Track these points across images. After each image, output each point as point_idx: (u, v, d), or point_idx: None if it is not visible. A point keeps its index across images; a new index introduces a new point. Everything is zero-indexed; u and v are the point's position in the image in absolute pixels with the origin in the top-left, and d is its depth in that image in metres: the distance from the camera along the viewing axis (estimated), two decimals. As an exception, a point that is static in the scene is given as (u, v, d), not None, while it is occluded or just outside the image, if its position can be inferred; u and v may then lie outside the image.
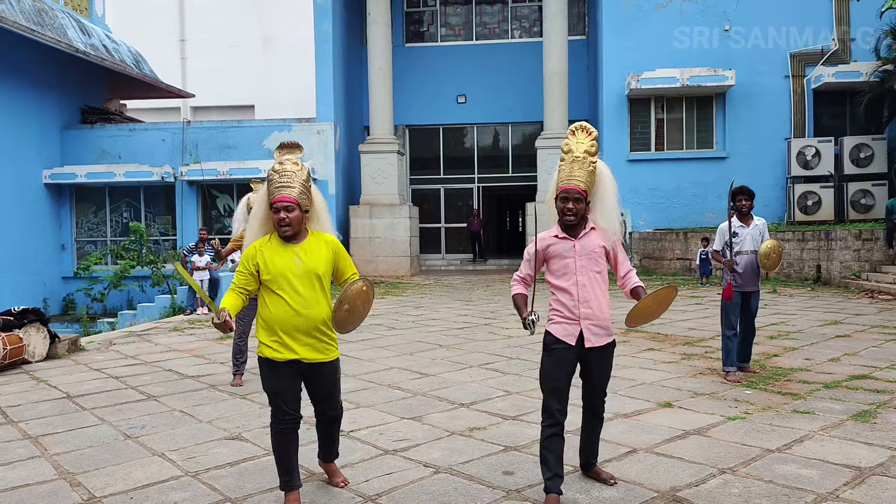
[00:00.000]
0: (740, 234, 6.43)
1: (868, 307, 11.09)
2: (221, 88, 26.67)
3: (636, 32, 18.77)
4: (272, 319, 3.57)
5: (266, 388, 3.68)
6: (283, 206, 3.53)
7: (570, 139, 3.68)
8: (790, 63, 18.46)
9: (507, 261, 21.64)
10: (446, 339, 8.69)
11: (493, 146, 22.63)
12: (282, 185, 3.55)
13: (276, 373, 3.60)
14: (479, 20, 22.20)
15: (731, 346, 6.37)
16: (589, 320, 3.60)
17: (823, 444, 4.36)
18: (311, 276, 3.60)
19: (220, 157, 18.23)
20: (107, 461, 4.51)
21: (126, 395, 6.24)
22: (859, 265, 14.63)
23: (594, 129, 3.72)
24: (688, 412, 5.21)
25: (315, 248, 3.67)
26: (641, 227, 18.94)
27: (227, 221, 18.72)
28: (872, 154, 17.09)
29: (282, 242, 3.63)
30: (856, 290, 13.42)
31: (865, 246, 14.70)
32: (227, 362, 7.63)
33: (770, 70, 18.48)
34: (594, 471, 3.87)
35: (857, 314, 10.26)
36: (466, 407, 5.52)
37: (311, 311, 3.57)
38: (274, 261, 3.57)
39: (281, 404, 3.60)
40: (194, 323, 10.98)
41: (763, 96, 18.42)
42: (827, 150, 17.38)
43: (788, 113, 18.58)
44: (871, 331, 8.75)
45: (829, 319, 9.77)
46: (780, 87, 18.56)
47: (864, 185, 17.12)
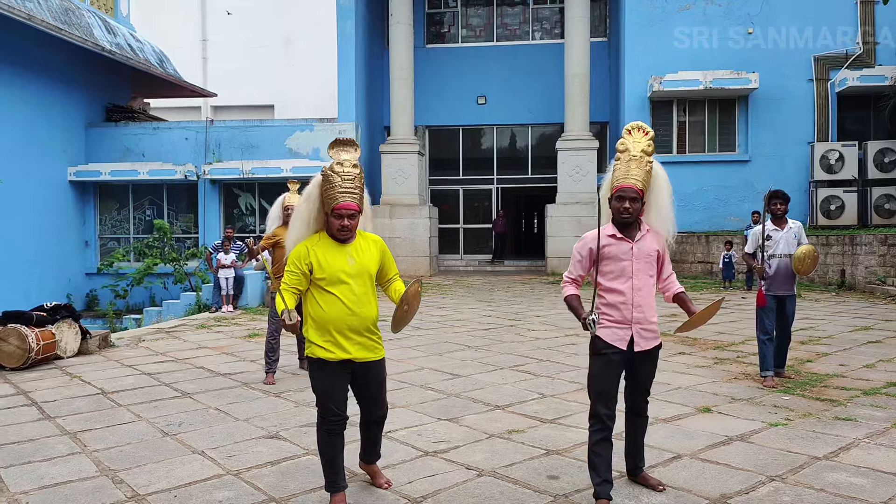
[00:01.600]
0: (774, 237, 6.38)
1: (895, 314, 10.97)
2: (241, 88, 26.80)
3: (658, 34, 18.67)
4: (326, 319, 3.56)
5: (315, 388, 3.67)
6: (348, 214, 3.51)
7: (627, 138, 3.64)
8: (814, 66, 18.31)
9: (525, 262, 21.57)
10: (473, 340, 8.67)
11: (513, 147, 22.59)
12: (345, 190, 3.50)
13: (328, 373, 3.60)
14: (499, 21, 22.17)
15: (766, 350, 6.31)
16: (640, 325, 3.57)
17: (871, 452, 4.30)
18: (364, 275, 3.61)
19: (242, 156, 18.30)
20: (147, 458, 4.52)
21: (160, 392, 6.26)
22: (885, 270, 14.46)
23: (650, 129, 3.67)
24: (728, 417, 5.16)
25: (365, 248, 3.68)
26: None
27: (248, 220, 18.80)
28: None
29: (333, 242, 3.62)
30: (882, 296, 13.28)
31: (891, 251, 14.52)
32: (258, 360, 7.65)
33: (793, 73, 18.33)
34: (642, 476, 3.83)
35: (886, 320, 10.15)
36: (502, 409, 5.50)
37: (363, 310, 3.58)
38: (328, 260, 3.56)
39: (330, 404, 3.60)
40: (220, 321, 11.01)
41: (786, 100, 18.27)
42: (851, 154, 17.23)
43: (812, 116, 18.41)
44: (904, 337, 8.65)
45: (859, 325, 9.66)
46: (803, 90, 18.40)
47: (888, 190, 16.96)
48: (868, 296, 13.55)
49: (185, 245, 18.34)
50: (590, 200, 19.05)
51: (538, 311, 11.46)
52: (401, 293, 3.65)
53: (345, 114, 18.83)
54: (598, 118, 20.72)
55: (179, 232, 18.58)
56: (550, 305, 12.28)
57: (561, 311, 11.55)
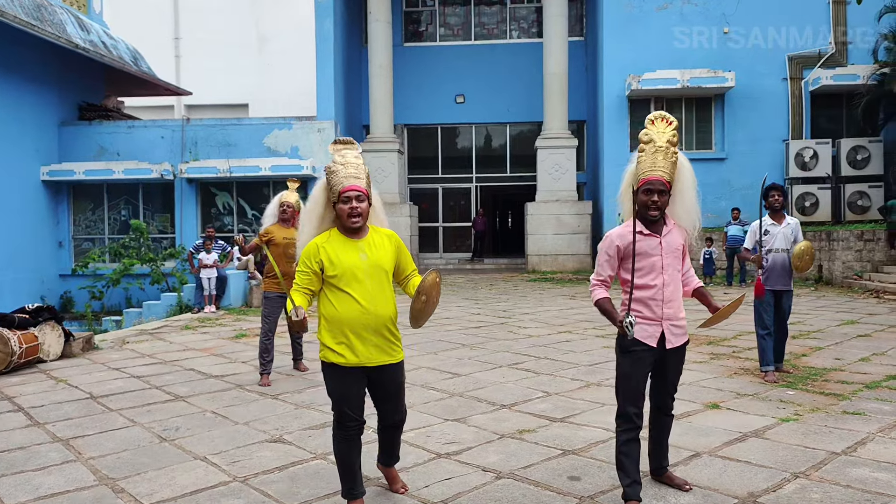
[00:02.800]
0: (772, 231, 6.38)
1: (878, 307, 11.11)
2: (216, 87, 26.37)
3: (636, 33, 18.75)
4: (339, 319, 3.41)
5: (330, 393, 3.52)
6: (355, 195, 3.39)
7: (651, 128, 3.54)
8: (788, 65, 18.53)
9: (504, 260, 21.56)
10: (467, 338, 8.57)
11: (492, 146, 22.55)
12: (350, 175, 3.42)
13: (342, 378, 3.44)
14: (477, 20, 22.11)
15: (766, 345, 6.30)
16: (670, 321, 3.47)
17: (887, 446, 4.29)
18: (378, 271, 3.46)
19: (219, 154, 17.98)
20: (147, 465, 4.35)
21: (152, 396, 6.06)
22: (861, 265, 14.71)
23: (674, 119, 3.58)
24: (737, 413, 5.12)
25: (378, 242, 3.53)
26: (632, 226, 18.87)
27: (226, 220, 18.49)
28: (869, 156, 17.20)
29: (344, 238, 3.48)
30: (859, 290, 13.47)
31: (867, 246, 14.78)
32: (249, 361, 7.47)
33: (769, 72, 18.53)
34: (667, 475, 3.75)
35: (870, 314, 10.26)
36: (508, 408, 5.40)
37: (379, 308, 3.43)
38: (340, 257, 3.42)
39: (346, 409, 3.45)
40: (204, 321, 10.76)
41: (761, 98, 18.46)
42: (824, 151, 17.47)
43: (786, 115, 18.63)
44: (891, 330, 8.74)
45: (845, 319, 9.76)
46: (778, 89, 18.61)
47: (860, 187, 17.21)
48: (846, 290, 13.74)
49: (161, 245, 17.97)
50: (569, 198, 19.08)
51: (526, 309, 11.40)
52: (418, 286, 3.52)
53: (324, 112, 18.63)
54: (575, 117, 20.73)
55: (156, 232, 18.19)
56: (537, 303, 12.23)
57: (549, 307, 11.52)
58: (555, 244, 18.77)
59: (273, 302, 6.56)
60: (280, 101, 25.81)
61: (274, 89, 26.26)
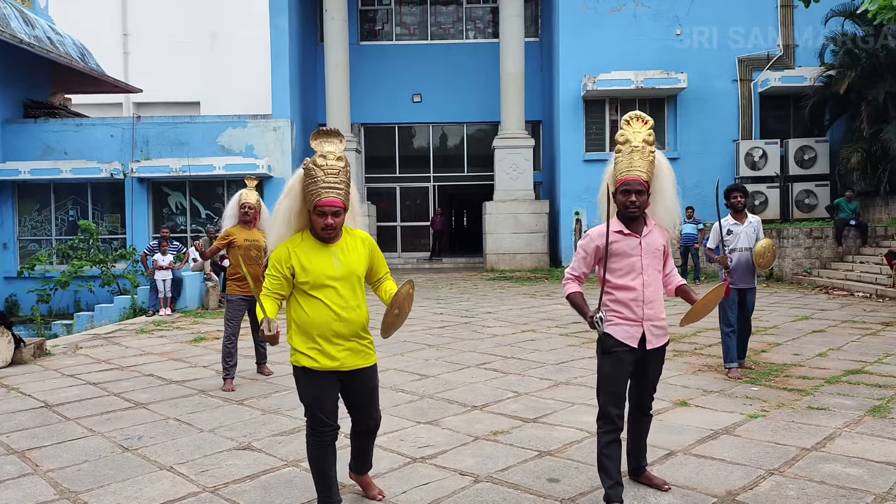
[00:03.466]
0: (735, 231, 6.48)
1: (828, 303, 11.44)
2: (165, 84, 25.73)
3: (591, 35, 18.96)
4: (310, 325, 3.30)
5: (303, 399, 3.42)
6: (331, 212, 3.24)
7: (626, 129, 3.53)
8: (738, 67, 18.96)
9: (462, 259, 21.57)
10: (432, 338, 8.51)
11: (449, 145, 22.53)
12: (329, 185, 3.23)
13: (314, 382, 3.34)
14: (433, 20, 22.06)
15: (730, 342, 6.40)
16: (651, 321, 3.47)
17: (855, 441, 4.38)
18: (351, 277, 3.36)
19: (171, 153, 17.56)
20: (110, 477, 4.18)
21: (111, 403, 5.85)
22: (810, 262, 15.14)
23: (650, 118, 3.58)
24: (706, 410, 5.18)
25: (352, 247, 3.43)
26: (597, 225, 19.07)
27: (179, 220, 18.07)
28: (816, 156, 17.71)
29: (316, 242, 3.36)
30: (809, 286, 13.86)
31: (816, 244, 15.22)
32: (210, 366, 7.29)
33: (719, 74, 18.94)
34: (645, 476, 3.75)
35: (822, 310, 10.55)
36: (480, 409, 5.37)
37: (351, 314, 3.33)
38: (312, 262, 3.30)
39: (319, 415, 3.35)
40: (160, 324, 10.47)
41: (713, 99, 18.86)
42: (773, 151, 17.93)
43: (736, 115, 19.07)
44: (843, 326, 8.99)
45: (799, 315, 10.01)
46: (728, 90, 19.04)
47: (807, 186, 17.73)
48: (796, 286, 14.12)
49: (111, 246, 17.45)
50: (527, 198, 19.18)
51: (488, 308, 11.40)
52: (391, 294, 3.41)
53: (280, 110, 18.36)
54: (531, 117, 20.82)
55: (105, 233, 17.67)
56: (498, 302, 12.25)
57: (511, 306, 11.54)
58: (513, 243, 18.85)
59: (236, 305, 6.40)
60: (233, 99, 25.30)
61: (226, 87, 25.75)
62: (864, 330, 8.58)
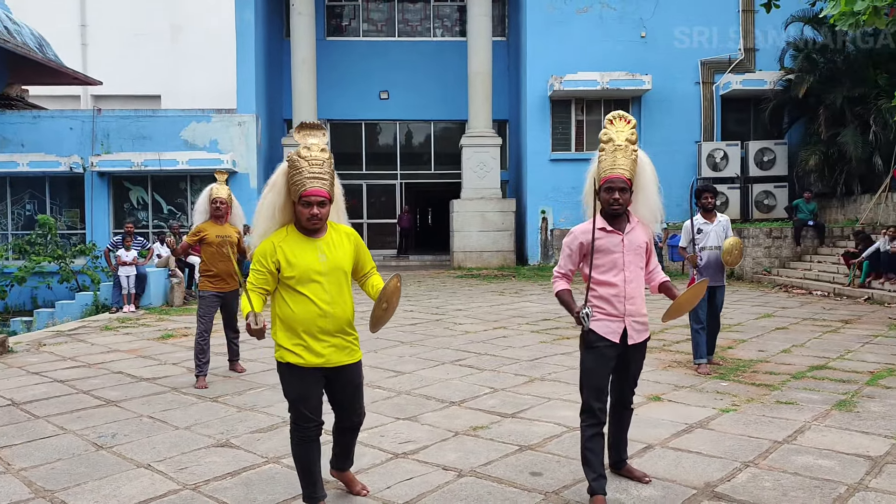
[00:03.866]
0: (705, 230, 6.62)
1: (788, 301, 11.74)
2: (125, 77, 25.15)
3: (558, 35, 19.14)
4: (295, 320, 3.29)
5: (287, 395, 3.40)
6: (317, 201, 3.23)
7: (609, 128, 3.60)
8: (701, 70, 19.34)
9: (429, 257, 21.58)
10: (404, 335, 8.50)
11: (416, 143, 22.52)
12: (314, 175, 3.23)
13: (299, 378, 3.33)
14: (401, 17, 22.02)
15: (699, 339, 6.54)
16: (632, 317, 3.53)
17: (824, 434, 4.52)
18: (336, 272, 3.35)
19: (133, 147, 17.23)
20: (86, 475, 4.10)
21: (80, 401, 5.73)
22: (770, 261, 15.51)
23: (632, 118, 3.66)
24: (679, 405, 5.29)
25: (338, 241, 3.41)
26: (562, 224, 19.31)
27: (140, 215, 17.74)
28: (775, 158, 18.16)
29: (301, 236, 3.34)
30: (769, 285, 14.20)
31: (775, 243, 15.60)
32: (180, 363, 7.18)
33: (682, 76, 19.29)
34: (626, 469, 3.83)
35: (783, 307, 10.83)
36: (458, 405, 5.40)
37: (337, 309, 3.33)
38: (297, 257, 3.28)
39: (304, 411, 3.34)
40: (125, 321, 10.27)
41: (676, 101, 19.20)
42: (734, 153, 18.34)
43: (699, 117, 19.45)
44: (805, 323, 9.25)
45: (761, 313, 10.25)
46: (691, 92, 19.42)
47: (767, 187, 18.17)
48: (757, 285, 14.45)
49: (70, 242, 17.05)
50: (494, 196, 19.28)
51: (458, 305, 11.44)
52: (378, 289, 3.40)
53: (245, 105, 18.16)
54: (497, 116, 20.92)
55: (64, 228, 17.27)
56: (468, 299, 12.30)
57: (480, 304, 11.60)
58: (480, 241, 18.94)
59: (209, 301, 6.32)
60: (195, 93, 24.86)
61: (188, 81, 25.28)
62: (825, 327, 8.83)
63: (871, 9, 8.08)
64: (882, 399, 5.35)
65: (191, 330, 9.43)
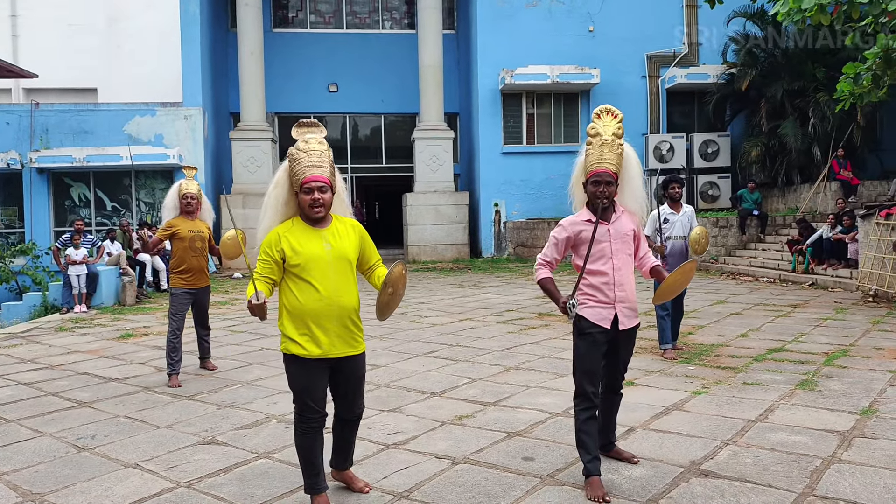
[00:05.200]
0: (671, 220, 6.85)
1: (738, 287, 12.17)
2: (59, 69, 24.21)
3: (508, 29, 19.32)
4: (301, 310, 3.33)
5: (292, 385, 3.43)
6: (317, 186, 3.30)
7: (597, 122, 3.73)
8: (647, 64, 19.79)
9: (382, 251, 21.34)
10: (372, 329, 8.51)
11: (366, 136, 22.39)
12: (312, 163, 3.32)
13: (305, 368, 3.37)
14: (349, 9, 21.82)
15: (665, 325, 6.77)
16: (623, 303, 3.66)
17: (793, 412, 4.76)
18: (342, 261, 3.40)
19: (74, 142, 16.66)
20: (73, 477, 4.03)
21: (51, 403, 5.58)
22: (717, 250, 16.02)
23: (619, 112, 3.78)
24: (653, 389, 5.48)
25: (343, 232, 3.47)
26: (515, 216, 19.55)
27: (83, 212, 17.19)
28: (718, 149, 18.75)
29: (307, 227, 3.40)
30: (717, 273, 14.69)
31: (721, 233, 16.12)
32: (146, 362, 7.05)
33: (629, 70, 19.71)
34: (615, 451, 3.96)
35: (734, 294, 11.24)
36: (439, 396, 5.47)
37: (342, 298, 3.37)
38: (303, 245, 3.33)
39: (309, 402, 3.38)
40: (79, 322, 9.98)
41: (623, 94, 19.57)
42: (679, 145, 18.85)
43: (645, 110, 19.91)
44: (756, 308, 9.62)
45: (714, 299, 10.62)
46: (638, 85, 19.85)
47: (711, 178, 18.75)
48: (706, 273, 14.92)
49: (8, 241, 16.42)
50: (447, 189, 19.35)
51: (420, 298, 11.49)
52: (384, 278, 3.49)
53: (191, 98, 17.76)
54: (448, 109, 20.94)
55: (2, 227, 16.60)
56: (428, 292, 12.36)
57: (442, 297, 11.68)
58: (434, 234, 19.01)
59: (180, 298, 6.23)
60: (134, 86, 24.03)
61: (126, 73, 24.43)
62: (776, 312, 9.22)
63: (816, 6, 8.45)
64: (840, 378, 5.64)
65: (150, 329, 9.24)
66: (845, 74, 10.05)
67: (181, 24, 17.81)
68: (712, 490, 3.52)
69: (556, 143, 19.92)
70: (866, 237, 10.86)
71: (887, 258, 10.01)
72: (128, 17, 25.04)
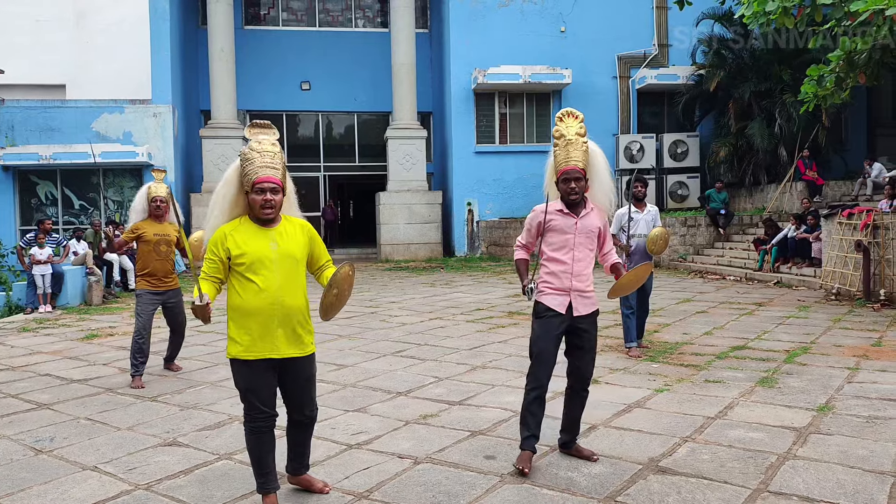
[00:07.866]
0: (635, 218, 6.93)
1: (705, 286, 12.33)
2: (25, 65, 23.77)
3: (481, 29, 19.38)
4: (245, 309, 3.32)
5: (238, 385, 3.43)
6: (270, 188, 3.30)
7: (560, 125, 3.88)
8: (617, 65, 19.97)
9: (355, 250, 21.50)
10: (341, 328, 8.49)
11: (339, 135, 22.32)
12: (265, 164, 3.32)
13: (249, 369, 3.35)
14: (321, 7, 21.74)
15: (629, 324, 6.84)
16: (578, 292, 3.84)
17: (751, 409, 4.84)
18: (288, 260, 3.38)
19: (40, 139, 16.42)
20: (29, 480, 3.97)
21: (9, 405, 5.49)
22: (685, 249, 16.20)
23: (580, 113, 3.90)
24: (616, 387, 5.54)
25: (291, 232, 3.46)
26: (488, 215, 19.63)
27: (49, 211, 16.93)
28: (688, 150, 18.99)
29: (254, 226, 3.39)
30: (685, 271, 14.86)
31: (690, 231, 16.30)
32: (110, 363, 6.97)
33: (600, 70, 19.88)
34: (575, 448, 4.01)
35: (700, 292, 11.38)
36: (405, 395, 5.47)
37: (287, 298, 3.35)
38: (248, 243, 3.32)
39: (255, 402, 3.38)
40: (43, 322, 9.83)
41: (595, 94, 19.75)
42: (650, 145, 19.05)
43: (616, 111, 20.10)
44: (722, 307, 9.76)
45: (681, 297, 10.75)
46: (609, 86, 20.04)
47: (680, 178, 18.99)
48: (674, 272, 15.09)
49: (-28, 241, 16.09)
50: (420, 188, 19.36)
51: (391, 298, 11.49)
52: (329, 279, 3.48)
53: (160, 95, 17.58)
54: (421, 108, 20.97)
55: (-34, 225, 16.29)
56: (400, 291, 12.35)
57: (413, 296, 11.69)
58: (407, 233, 19.01)
59: (146, 300, 6.16)
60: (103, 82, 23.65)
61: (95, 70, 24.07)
62: (741, 310, 9.36)
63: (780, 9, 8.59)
64: (799, 375, 5.75)
65: (116, 329, 9.13)
66: (809, 77, 10.24)
67: (150, 20, 17.64)
68: (669, 487, 3.57)
69: (529, 142, 20.03)
70: (829, 236, 11.06)
71: (849, 257, 10.20)
72: (97, 12, 24.64)
